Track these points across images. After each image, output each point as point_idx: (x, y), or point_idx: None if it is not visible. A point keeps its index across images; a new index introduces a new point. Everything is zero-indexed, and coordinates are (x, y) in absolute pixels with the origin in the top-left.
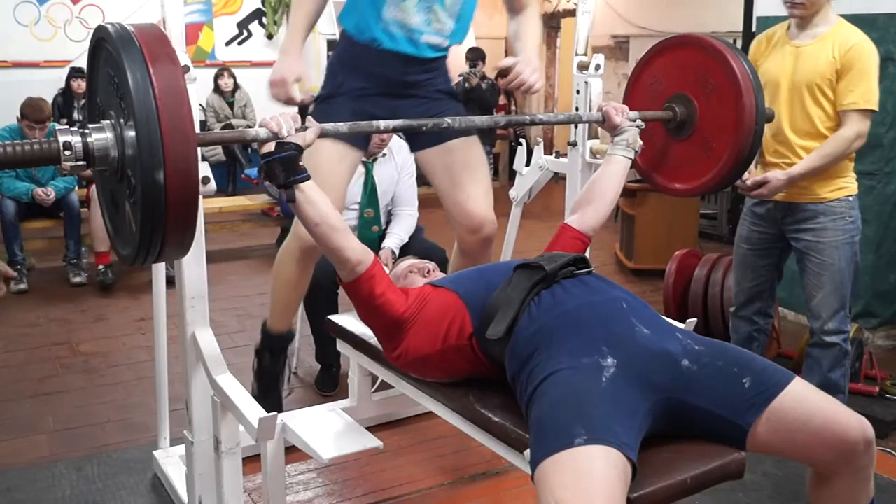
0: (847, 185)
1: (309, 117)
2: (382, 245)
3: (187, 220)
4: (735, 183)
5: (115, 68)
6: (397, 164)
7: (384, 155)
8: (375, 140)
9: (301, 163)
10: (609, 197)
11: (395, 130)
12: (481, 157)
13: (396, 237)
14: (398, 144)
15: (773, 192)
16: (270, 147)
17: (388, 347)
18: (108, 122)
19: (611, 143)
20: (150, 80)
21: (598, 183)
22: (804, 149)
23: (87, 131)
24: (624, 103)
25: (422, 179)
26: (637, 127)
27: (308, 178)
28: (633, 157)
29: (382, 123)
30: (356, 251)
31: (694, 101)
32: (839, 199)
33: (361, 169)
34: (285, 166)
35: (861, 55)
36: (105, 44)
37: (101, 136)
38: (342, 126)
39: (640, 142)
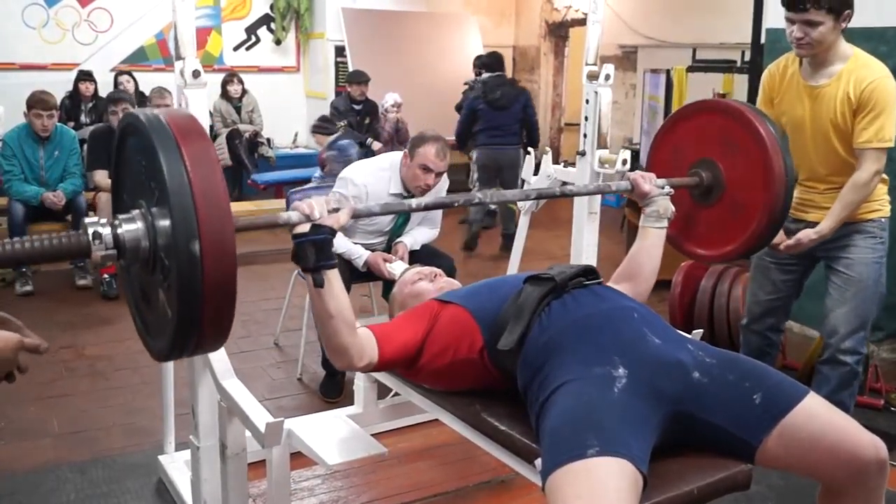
0: (881, 208)
1: (340, 199)
2: (398, 240)
3: (226, 306)
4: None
5: (146, 155)
6: (432, 192)
7: None
8: (421, 184)
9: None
10: (646, 272)
11: (426, 208)
12: None
13: (411, 238)
14: None
15: (805, 248)
16: (304, 228)
17: (404, 370)
18: (138, 211)
19: (642, 216)
20: (186, 169)
21: (634, 258)
22: (834, 184)
23: (116, 222)
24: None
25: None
26: (666, 194)
27: (335, 265)
28: (665, 227)
29: (415, 202)
30: (358, 347)
31: (719, 166)
32: (873, 219)
33: (399, 199)
34: (318, 249)
35: (875, 93)
36: (135, 130)
37: (132, 227)
38: (374, 206)
39: (672, 208)
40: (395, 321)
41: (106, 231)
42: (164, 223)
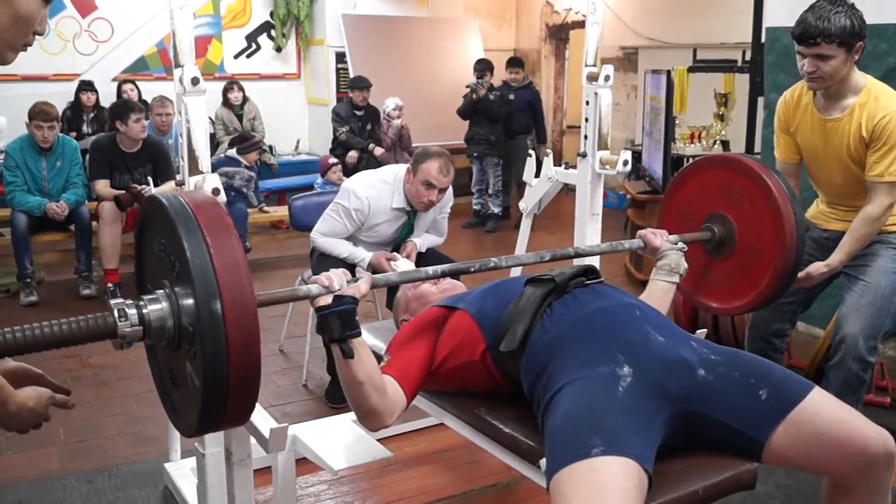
0: None
1: (359, 269)
2: (409, 239)
3: (251, 380)
4: None
5: (168, 238)
6: (436, 206)
7: None
8: (424, 200)
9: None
10: None
11: (443, 275)
12: None
13: (420, 240)
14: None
15: (817, 282)
16: (327, 300)
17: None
18: (162, 291)
19: (654, 269)
20: (207, 248)
21: None
22: (857, 208)
23: (142, 303)
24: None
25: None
26: (679, 250)
27: (360, 333)
28: (676, 282)
29: (431, 269)
30: (387, 407)
31: (731, 219)
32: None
33: (402, 214)
34: (342, 320)
35: (888, 127)
36: (156, 213)
37: (157, 307)
38: (392, 275)
39: (685, 264)
40: (405, 342)
41: (132, 312)
42: (188, 302)
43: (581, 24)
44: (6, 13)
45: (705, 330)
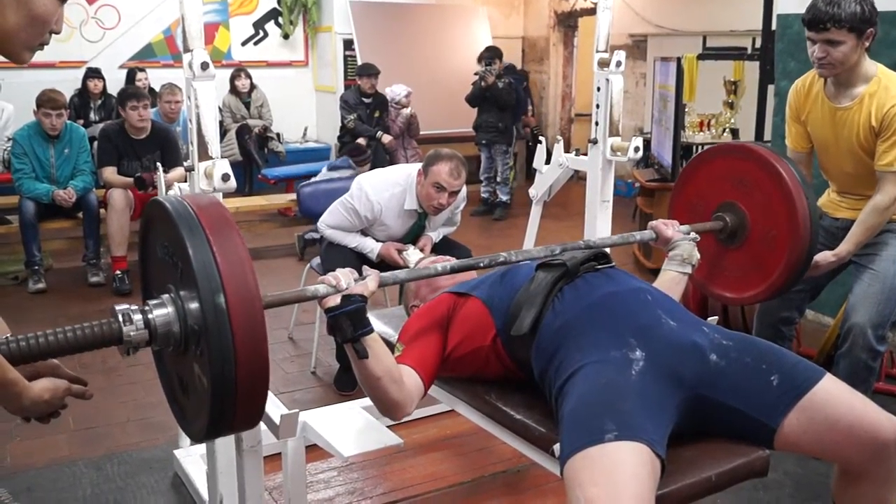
0: None
1: (365, 267)
2: (425, 233)
3: (259, 377)
4: None
5: (171, 240)
6: (451, 207)
7: None
8: (434, 203)
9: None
10: None
11: (452, 271)
12: None
13: (436, 234)
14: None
15: (825, 271)
16: (335, 301)
17: None
18: (168, 296)
19: (666, 259)
20: (211, 249)
21: None
22: (867, 197)
23: (147, 308)
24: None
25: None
26: (692, 240)
27: (373, 330)
28: (688, 272)
29: (440, 265)
30: (407, 397)
31: (743, 208)
32: None
33: (413, 215)
34: (353, 319)
35: None
36: (159, 217)
37: (162, 312)
38: (400, 273)
39: (697, 255)
40: (418, 329)
41: (137, 317)
42: (194, 304)
43: (590, 12)
44: (22, 13)
45: (716, 317)
